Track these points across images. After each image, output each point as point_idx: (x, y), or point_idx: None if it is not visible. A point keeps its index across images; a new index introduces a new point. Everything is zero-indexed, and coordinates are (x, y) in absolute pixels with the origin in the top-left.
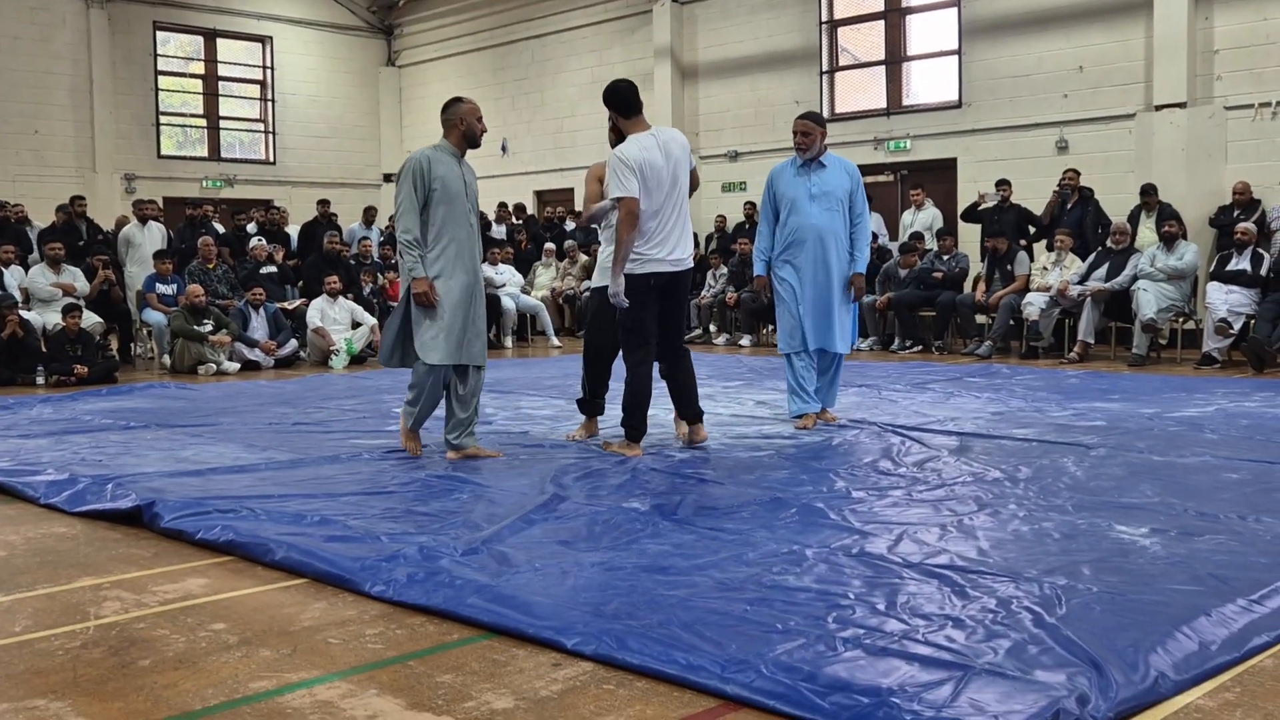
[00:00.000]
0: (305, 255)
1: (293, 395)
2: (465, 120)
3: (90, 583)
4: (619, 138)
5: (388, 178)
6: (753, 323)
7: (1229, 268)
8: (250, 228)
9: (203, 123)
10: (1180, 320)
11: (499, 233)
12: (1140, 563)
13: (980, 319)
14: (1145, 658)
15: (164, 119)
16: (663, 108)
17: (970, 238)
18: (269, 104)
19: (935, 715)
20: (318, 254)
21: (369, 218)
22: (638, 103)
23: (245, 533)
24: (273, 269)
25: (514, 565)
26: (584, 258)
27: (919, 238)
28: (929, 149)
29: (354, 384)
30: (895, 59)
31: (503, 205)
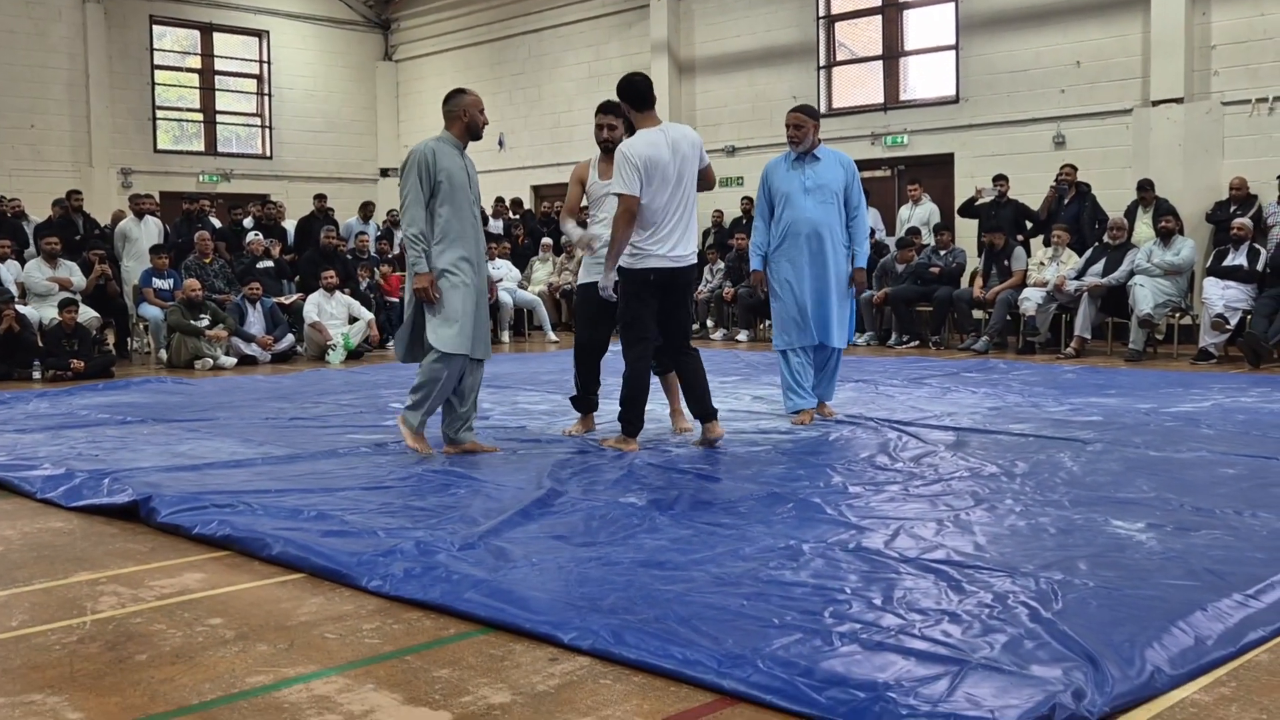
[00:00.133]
0: (302, 250)
1: (289, 390)
2: (468, 112)
3: (87, 577)
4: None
5: (384, 172)
6: (750, 318)
7: (1225, 263)
8: (247, 222)
9: (199, 117)
10: (1177, 315)
11: (496, 228)
12: (1136, 558)
13: (977, 314)
14: (1141, 652)
15: (160, 113)
16: (660, 103)
17: (967, 233)
18: (266, 98)
19: (932, 710)
20: (314, 249)
21: (366, 212)
22: (651, 97)
23: (242, 527)
24: (269, 264)
25: (511, 560)
26: (580, 253)
27: (916, 233)
28: (926, 144)
29: (351, 379)
30: (893, 54)
31: (500, 200)
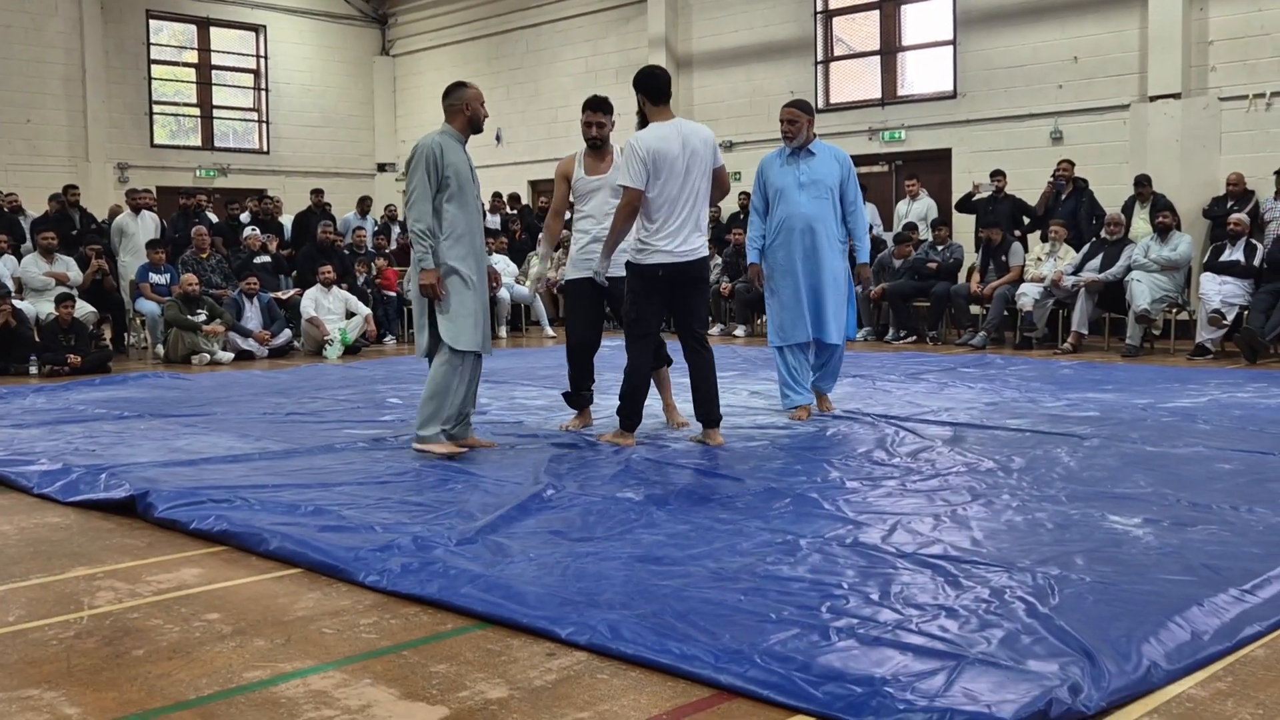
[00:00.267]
0: (299, 245)
1: (287, 385)
2: (470, 105)
3: (84, 573)
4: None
5: (382, 167)
6: (747, 313)
7: (1222, 259)
8: (244, 217)
9: (196, 112)
10: (1174, 311)
11: (493, 223)
12: (1133, 553)
13: (974, 309)
14: (1138, 647)
15: (157, 108)
16: None
17: (965, 228)
18: (263, 93)
19: (928, 705)
20: (312, 244)
21: (363, 207)
22: (667, 92)
23: (239, 523)
24: (267, 259)
25: (508, 555)
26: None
27: (913, 228)
28: (924, 139)
29: (348, 374)
30: (890, 49)
31: (497, 195)
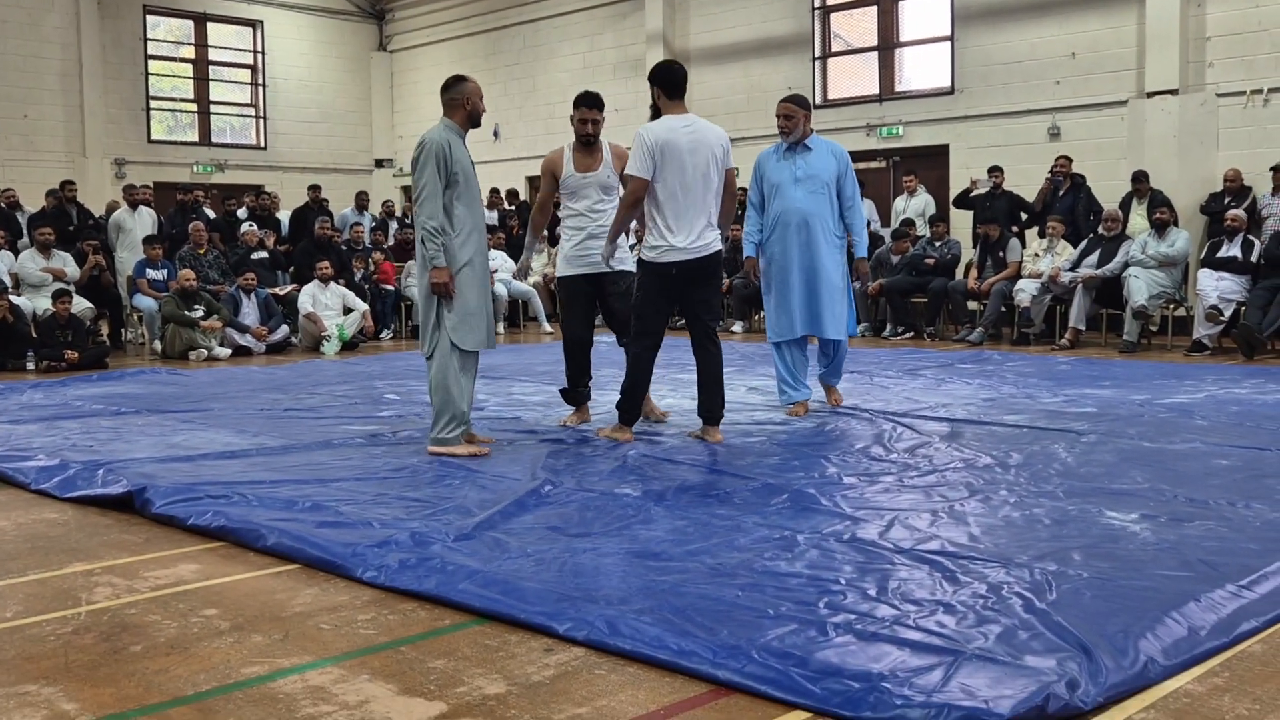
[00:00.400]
0: (297, 241)
1: (284, 381)
2: (470, 100)
3: (82, 568)
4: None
5: (379, 163)
6: (744, 309)
7: (1220, 255)
8: (241, 213)
9: (193, 107)
10: (1171, 307)
11: (491, 219)
12: (1130, 548)
13: (972, 305)
14: (1135, 643)
15: (154, 104)
16: None
17: (962, 224)
18: (260, 89)
19: (926, 700)
20: (309, 239)
21: (361, 203)
22: (683, 87)
23: (237, 518)
24: (264, 254)
25: (506, 551)
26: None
27: (911, 224)
28: (921, 135)
29: (345, 370)
30: (888, 45)
31: (495, 191)
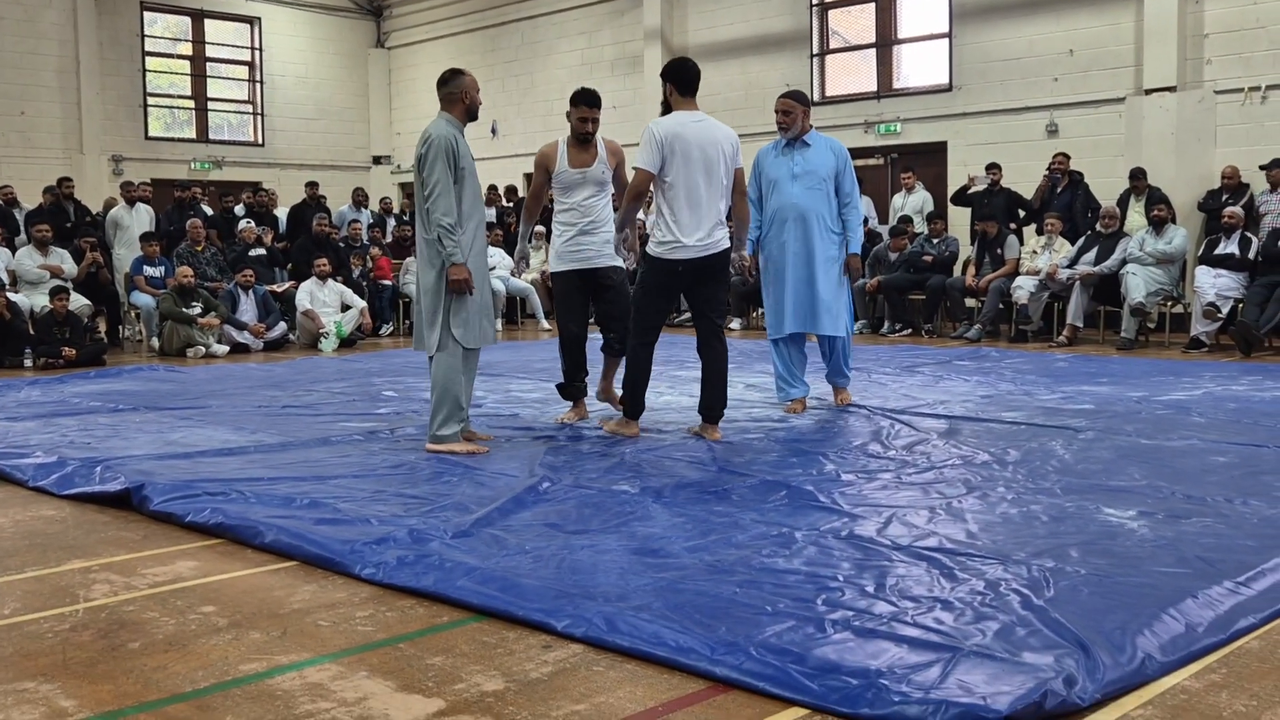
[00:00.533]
0: (294, 238)
1: (282, 378)
2: (468, 94)
3: (79, 565)
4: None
5: (377, 160)
6: (742, 306)
7: (1217, 251)
8: (239, 210)
9: (190, 104)
10: (1169, 304)
11: (489, 216)
12: (1128, 545)
13: (970, 302)
14: (1132, 639)
15: (151, 100)
16: (653, 91)
17: (960, 221)
18: (257, 85)
19: (924, 697)
20: (307, 236)
21: (359, 200)
22: (695, 85)
23: (234, 515)
24: (261, 251)
25: (504, 548)
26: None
27: (908, 221)
28: (919, 132)
29: (343, 367)
30: (886, 42)
31: (493, 188)
